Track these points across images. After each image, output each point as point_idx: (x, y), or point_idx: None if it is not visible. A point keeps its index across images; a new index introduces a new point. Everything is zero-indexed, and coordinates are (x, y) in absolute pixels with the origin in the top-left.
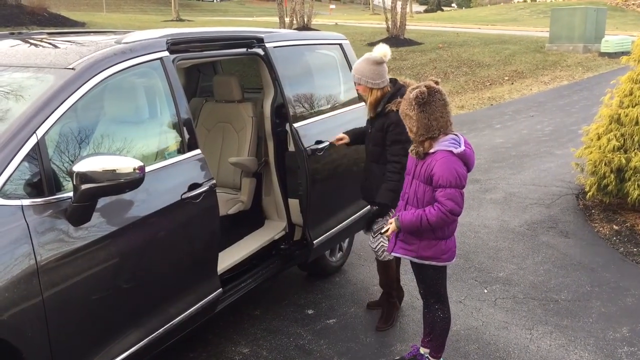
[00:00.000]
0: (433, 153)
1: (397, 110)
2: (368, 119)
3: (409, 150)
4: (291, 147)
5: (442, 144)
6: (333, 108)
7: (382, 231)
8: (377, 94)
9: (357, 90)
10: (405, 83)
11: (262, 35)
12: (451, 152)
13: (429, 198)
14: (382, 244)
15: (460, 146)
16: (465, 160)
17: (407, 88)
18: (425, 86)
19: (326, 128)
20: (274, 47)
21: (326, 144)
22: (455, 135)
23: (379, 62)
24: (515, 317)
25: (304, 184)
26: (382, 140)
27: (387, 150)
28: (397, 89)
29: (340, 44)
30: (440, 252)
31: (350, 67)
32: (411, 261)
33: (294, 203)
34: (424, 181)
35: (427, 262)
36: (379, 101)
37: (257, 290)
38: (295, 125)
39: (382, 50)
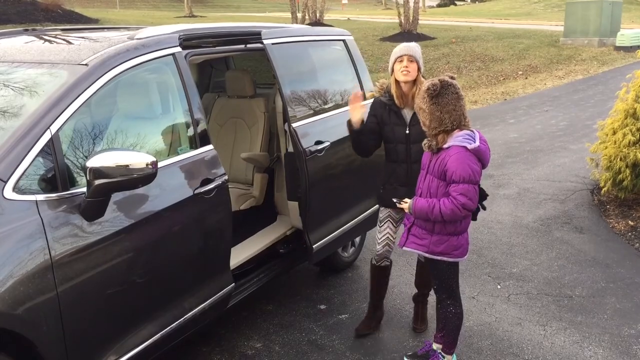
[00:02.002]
0: (447, 148)
1: None
2: (392, 125)
3: (422, 144)
4: (290, 148)
5: (457, 139)
6: (335, 107)
7: (396, 200)
8: (424, 80)
9: (405, 68)
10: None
11: (260, 31)
12: (465, 147)
13: (442, 193)
14: None
15: (474, 142)
16: (480, 156)
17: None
18: (439, 80)
19: (327, 128)
20: (273, 43)
21: (327, 144)
22: (471, 130)
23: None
24: (529, 313)
25: (303, 186)
26: None
27: None
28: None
29: (343, 40)
30: (451, 247)
31: (354, 64)
32: (424, 257)
33: (293, 205)
34: (437, 176)
35: (438, 258)
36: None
37: (270, 286)
38: (294, 125)
39: None
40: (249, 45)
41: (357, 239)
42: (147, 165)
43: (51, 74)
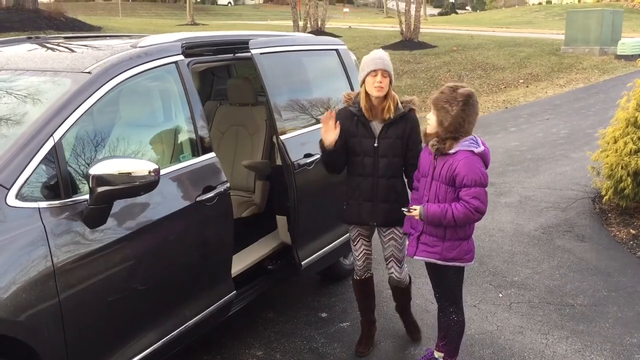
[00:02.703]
0: (454, 153)
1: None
2: (360, 137)
3: (430, 146)
4: (279, 161)
5: (463, 144)
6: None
7: (405, 210)
8: (395, 94)
9: (379, 84)
10: None
11: (248, 40)
12: (472, 151)
13: (451, 199)
14: (406, 270)
15: (480, 146)
16: (485, 160)
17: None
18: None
19: (317, 140)
20: (261, 53)
21: (317, 157)
22: (473, 136)
23: None
24: (530, 321)
25: (292, 200)
26: (404, 147)
27: (414, 153)
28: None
29: (336, 50)
30: (463, 252)
31: (347, 75)
32: (431, 264)
33: (281, 220)
34: (445, 182)
35: (450, 264)
36: (397, 102)
37: (271, 294)
38: (283, 137)
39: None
40: (237, 55)
41: None
42: (149, 172)
43: (54, 81)
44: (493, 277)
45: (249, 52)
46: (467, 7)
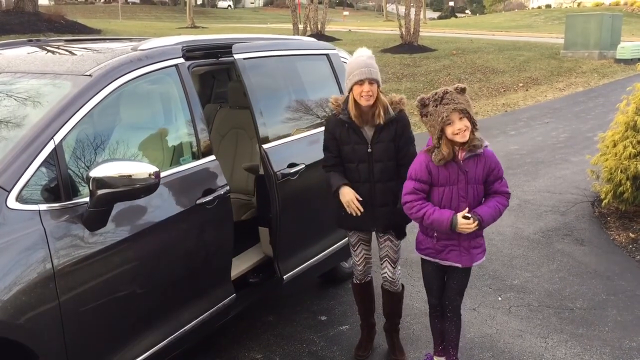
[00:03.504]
0: (482, 152)
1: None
2: (353, 144)
3: (468, 151)
4: (262, 170)
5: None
6: (311, 127)
7: (464, 225)
8: (383, 97)
9: (366, 93)
10: None
11: (232, 45)
12: (487, 147)
13: (483, 196)
14: (399, 273)
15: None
16: None
17: None
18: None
19: (303, 149)
20: (244, 58)
21: (301, 167)
22: None
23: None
24: (530, 325)
25: (274, 212)
26: (396, 150)
27: (404, 155)
28: None
29: (327, 55)
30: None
31: (338, 81)
32: (455, 267)
33: (264, 232)
34: (481, 182)
35: (484, 259)
36: (386, 106)
37: (270, 297)
38: (267, 146)
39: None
40: (209, 60)
41: None
42: (149, 175)
43: (55, 84)
44: (492, 281)
45: (232, 57)
46: (467, 11)
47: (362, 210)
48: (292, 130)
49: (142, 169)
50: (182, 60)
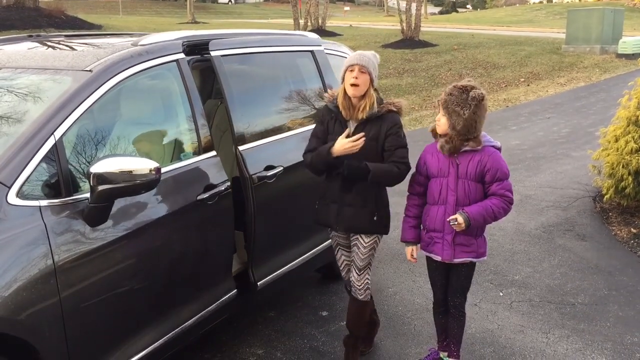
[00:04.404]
0: (480, 150)
1: (397, 111)
2: (335, 133)
3: (440, 147)
4: (237, 172)
5: (485, 140)
6: (291, 127)
7: (451, 220)
8: (374, 93)
9: (355, 79)
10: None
11: (209, 41)
12: (494, 146)
13: (480, 195)
14: (367, 281)
15: (495, 142)
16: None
17: (381, 97)
18: (480, 90)
19: (281, 151)
20: (222, 55)
21: (279, 169)
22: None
23: (378, 62)
24: (531, 320)
25: (249, 215)
26: (377, 150)
27: (389, 155)
28: (378, 95)
29: (311, 51)
30: (485, 244)
31: (322, 78)
32: (455, 264)
33: (239, 236)
34: (474, 179)
35: (481, 259)
36: (373, 102)
37: (272, 292)
38: (243, 147)
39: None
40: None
41: None
42: (150, 171)
43: (55, 80)
44: (494, 276)
45: (209, 54)
46: (468, 6)
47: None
48: (271, 131)
49: (142, 165)
50: (182, 55)
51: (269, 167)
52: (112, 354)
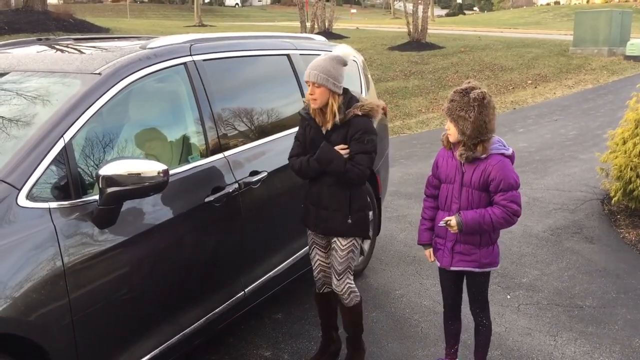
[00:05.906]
0: (485, 158)
1: (363, 115)
2: (311, 137)
3: (459, 156)
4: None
5: (494, 147)
6: (275, 131)
7: (442, 223)
8: (339, 99)
9: (310, 95)
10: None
11: (190, 46)
12: (503, 154)
13: (485, 204)
14: (349, 285)
15: (507, 148)
16: (512, 161)
17: (356, 98)
18: (481, 89)
19: (265, 155)
20: (203, 60)
21: (263, 174)
22: (498, 138)
23: (344, 64)
24: (539, 323)
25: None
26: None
27: (350, 160)
28: (349, 97)
29: (287, 55)
30: (495, 255)
31: (298, 82)
32: (462, 273)
33: None
34: (478, 188)
35: (486, 270)
36: (339, 108)
37: (279, 294)
38: (225, 153)
39: (347, 51)
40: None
41: (367, 247)
42: (158, 173)
43: (64, 83)
44: (501, 279)
45: (191, 57)
46: (475, 8)
47: None
48: (252, 136)
49: (151, 167)
50: (190, 58)
51: (254, 173)
52: (120, 356)
